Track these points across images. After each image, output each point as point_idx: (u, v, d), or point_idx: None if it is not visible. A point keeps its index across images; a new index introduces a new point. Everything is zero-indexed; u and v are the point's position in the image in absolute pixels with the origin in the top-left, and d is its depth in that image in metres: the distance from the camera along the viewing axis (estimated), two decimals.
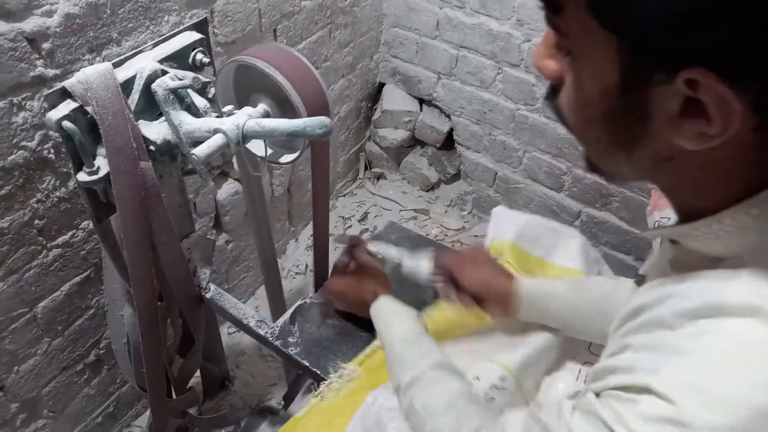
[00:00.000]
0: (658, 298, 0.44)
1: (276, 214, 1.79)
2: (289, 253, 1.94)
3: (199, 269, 1.06)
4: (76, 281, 1.12)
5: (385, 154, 2.17)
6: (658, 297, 0.44)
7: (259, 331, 0.98)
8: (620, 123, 0.41)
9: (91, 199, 0.85)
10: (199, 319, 1.08)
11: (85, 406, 1.30)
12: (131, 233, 0.84)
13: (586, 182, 1.75)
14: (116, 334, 1.10)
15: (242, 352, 1.63)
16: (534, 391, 0.84)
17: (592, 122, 0.43)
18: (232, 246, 1.60)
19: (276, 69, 0.79)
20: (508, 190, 1.96)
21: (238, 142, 0.76)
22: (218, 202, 1.45)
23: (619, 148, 0.43)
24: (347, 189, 2.19)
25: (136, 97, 0.81)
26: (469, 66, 1.79)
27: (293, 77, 0.81)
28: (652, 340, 0.43)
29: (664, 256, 0.51)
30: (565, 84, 0.44)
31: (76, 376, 1.24)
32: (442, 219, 2.09)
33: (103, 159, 0.80)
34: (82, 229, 1.09)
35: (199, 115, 0.83)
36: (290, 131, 0.72)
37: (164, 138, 0.82)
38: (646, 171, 0.44)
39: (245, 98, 0.88)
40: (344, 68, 1.82)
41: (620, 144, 0.42)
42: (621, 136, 0.42)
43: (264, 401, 1.52)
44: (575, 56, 0.41)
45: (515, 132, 1.81)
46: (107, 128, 0.76)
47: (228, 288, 1.67)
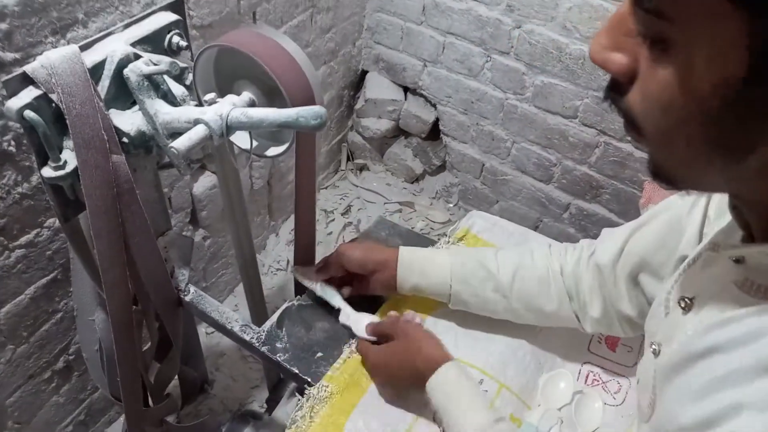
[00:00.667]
0: (747, 335, 0.38)
1: (255, 208, 1.71)
2: (270, 248, 1.86)
3: (176, 270, 0.99)
4: (42, 283, 1.04)
5: (368, 144, 2.10)
6: (746, 334, 0.38)
7: (244, 336, 0.91)
8: (734, 123, 0.33)
9: (57, 196, 0.77)
10: (177, 323, 1.01)
11: (54, 416, 1.22)
12: (103, 233, 0.76)
13: (575, 174, 1.72)
14: (87, 340, 1.02)
15: (222, 354, 1.56)
16: (531, 392, 0.81)
17: (687, 123, 0.35)
18: (210, 242, 1.52)
19: (264, 55, 0.72)
20: (495, 181, 1.92)
21: (221, 133, 0.69)
22: (194, 196, 1.37)
23: (722, 154, 0.36)
24: (329, 181, 2.12)
25: (107, 84, 0.73)
26: (456, 53, 1.73)
27: (282, 63, 0.73)
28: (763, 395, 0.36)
29: (723, 277, 0.45)
30: (639, 80, 0.37)
31: (44, 384, 1.16)
32: (428, 212, 2.04)
33: (70, 152, 0.73)
34: (47, 227, 1.00)
35: (176, 104, 0.75)
36: (281, 122, 0.65)
37: (138, 129, 0.75)
38: (743, 181, 0.37)
39: (227, 86, 0.80)
40: (326, 55, 1.74)
41: (727, 148, 0.35)
42: (731, 139, 0.34)
43: (245, 405, 1.45)
44: (676, 45, 0.33)
45: (504, 122, 1.76)
46: (75, 118, 0.69)
47: (205, 287, 1.59)
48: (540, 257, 0.80)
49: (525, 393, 0.80)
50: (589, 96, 1.55)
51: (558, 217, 1.84)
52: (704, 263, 0.50)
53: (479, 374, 0.80)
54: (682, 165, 0.39)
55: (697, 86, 0.33)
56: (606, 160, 1.63)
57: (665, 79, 0.34)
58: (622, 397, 0.81)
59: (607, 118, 1.56)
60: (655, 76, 0.35)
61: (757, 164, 0.35)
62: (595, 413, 0.80)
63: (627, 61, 0.37)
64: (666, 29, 0.33)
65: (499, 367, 0.81)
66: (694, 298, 0.49)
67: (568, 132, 1.65)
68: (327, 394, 0.79)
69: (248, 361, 1.56)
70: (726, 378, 0.39)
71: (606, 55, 0.37)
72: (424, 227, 1.99)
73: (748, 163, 0.35)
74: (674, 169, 0.39)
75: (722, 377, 0.39)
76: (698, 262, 0.52)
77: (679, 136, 0.36)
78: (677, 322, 0.50)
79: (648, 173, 0.41)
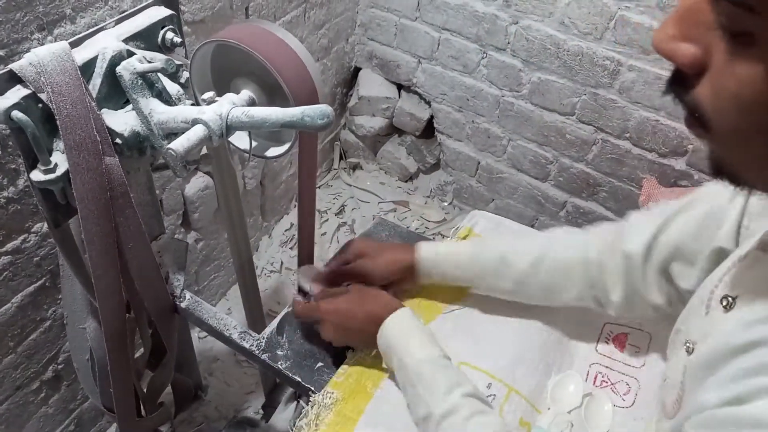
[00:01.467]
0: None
1: (248, 209, 1.67)
2: (263, 250, 1.83)
3: (171, 275, 0.95)
4: (29, 291, 1.00)
5: (361, 143, 2.07)
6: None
7: (244, 344, 0.88)
8: None
9: (47, 200, 0.73)
10: (172, 331, 0.97)
11: (42, 427, 1.18)
12: (96, 239, 0.72)
13: (572, 171, 1.70)
14: (77, 349, 0.98)
15: (215, 359, 1.52)
16: (539, 395, 0.78)
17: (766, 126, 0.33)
18: (202, 245, 1.48)
19: (263, 51, 0.68)
20: (491, 179, 1.89)
21: (221, 134, 0.66)
22: (187, 198, 1.33)
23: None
24: (322, 180, 2.08)
25: (99, 83, 0.70)
26: (451, 49, 1.70)
27: (283, 59, 0.70)
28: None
29: (765, 272, 0.43)
30: (711, 74, 0.34)
31: (32, 395, 1.11)
32: (422, 210, 2.01)
33: (61, 155, 0.69)
34: (34, 232, 0.96)
35: (171, 103, 0.72)
36: (285, 122, 0.62)
37: (132, 129, 0.71)
38: None
39: (224, 84, 0.77)
40: (319, 51, 1.70)
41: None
42: None
43: (241, 411, 1.42)
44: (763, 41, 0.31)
45: (500, 119, 1.74)
46: (65, 119, 0.65)
47: (198, 290, 1.55)
48: (563, 246, 0.79)
49: (534, 396, 0.78)
50: (586, 93, 1.54)
51: (554, 216, 1.83)
52: (751, 262, 0.49)
53: (487, 378, 0.77)
54: (754, 166, 0.37)
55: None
56: (603, 158, 1.62)
57: (747, 76, 0.32)
58: (632, 399, 0.79)
59: (604, 115, 1.54)
60: (733, 71, 0.33)
61: None
62: (605, 415, 0.78)
63: (698, 53, 0.34)
64: (754, 23, 0.31)
65: (508, 370, 0.79)
66: (737, 297, 0.48)
67: (565, 129, 1.63)
68: (332, 401, 0.76)
69: (242, 366, 1.52)
70: (762, 366, 0.38)
71: (674, 45, 0.35)
72: (419, 226, 1.96)
73: None
74: (742, 167, 0.38)
75: (758, 366, 0.38)
76: (745, 262, 0.50)
77: (756, 135, 0.34)
78: (717, 320, 0.49)
79: (709, 169, 0.40)
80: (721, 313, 0.49)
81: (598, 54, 1.45)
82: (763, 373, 0.37)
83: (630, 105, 1.48)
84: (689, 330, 0.55)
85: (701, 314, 0.53)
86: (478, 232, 0.98)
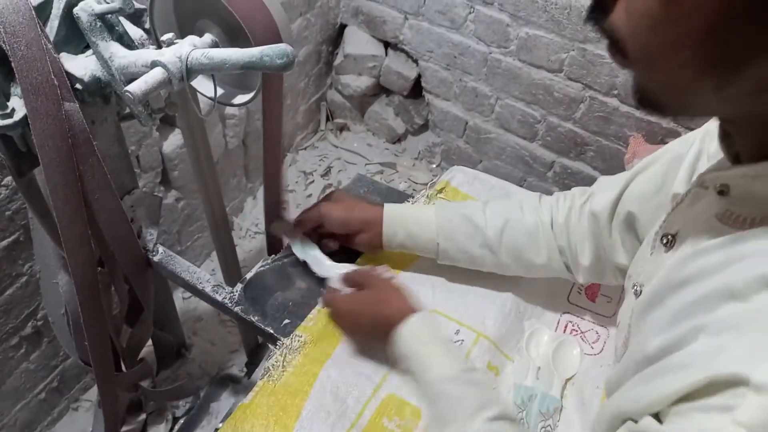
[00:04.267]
0: (718, 264, 0.36)
1: (231, 168, 1.65)
2: (247, 211, 1.81)
3: (144, 230, 0.94)
4: (3, 246, 0.99)
5: (348, 103, 2.04)
6: (718, 263, 0.37)
7: (216, 296, 0.88)
8: (732, 35, 0.31)
9: (8, 147, 0.72)
10: (146, 285, 0.97)
11: (24, 382, 1.18)
12: (59, 188, 0.71)
13: (560, 131, 1.68)
14: (52, 304, 0.97)
15: (199, 318, 1.53)
16: (509, 341, 0.78)
17: (680, 42, 0.32)
18: (183, 204, 1.47)
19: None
20: (479, 140, 1.87)
21: (181, 77, 0.64)
22: (165, 155, 1.31)
23: (716, 72, 0.33)
24: (308, 142, 2.06)
25: (56, 25, 0.67)
26: (438, 4, 1.66)
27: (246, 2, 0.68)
28: (725, 317, 0.34)
29: (706, 211, 0.43)
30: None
31: (12, 351, 1.11)
32: (410, 172, 1.99)
33: (18, 99, 0.67)
34: (5, 186, 0.95)
35: (133, 48, 0.70)
36: (244, 62, 0.60)
37: (92, 74, 0.69)
38: (736, 100, 0.34)
39: (188, 27, 0.75)
40: (302, 5, 1.66)
41: (722, 65, 0.32)
42: (724, 57, 0.32)
43: (225, 369, 1.43)
44: None
45: (487, 78, 1.71)
46: (20, 61, 0.63)
47: (181, 250, 1.54)
48: (529, 210, 0.77)
49: (503, 342, 0.78)
50: (575, 48, 1.50)
51: (542, 176, 1.81)
52: (691, 200, 0.48)
53: (455, 325, 0.78)
54: (671, 88, 0.36)
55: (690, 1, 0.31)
56: (591, 116, 1.59)
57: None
58: (600, 347, 0.80)
59: (593, 71, 1.51)
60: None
61: (750, 82, 0.33)
62: (573, 360, 0.78)
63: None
64: None
65: (477, 317, 0.79)
66: (676, 234, 0.48)
67: (553, 87, 1.60)
68: (300, 344, 0.76)
69: (227, 325, 1.53)
70: (692, 305, 0.37)
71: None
72: (407, 188, 1.95)
73: (741, 83, 0.33)
74: (663, 93, 0.37)
75: (689, 304, 0.38)
76: (686, 200, 0.49)
77: (671, 55, 0.34)
78: (659, 260, 0.49)
79: (634, 100, 0.39)
80: (663, 253, 0.49)
81: (586, 6, 1.42)
82: (694, 313, 0.37)
83: None
84: (637, 272, 0.55)
85: (647, 256, 0.53)
86: (455, 185, 0.97)
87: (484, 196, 0.96)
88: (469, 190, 0.96)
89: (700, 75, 0.33)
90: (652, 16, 0.33)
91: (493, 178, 0.99)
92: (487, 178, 0.99)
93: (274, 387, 0.71)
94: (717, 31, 0.31)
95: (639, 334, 0.45)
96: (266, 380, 0.72)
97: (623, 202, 0.69)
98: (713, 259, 0.38)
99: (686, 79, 0.34)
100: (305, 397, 0.69)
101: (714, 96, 0.34)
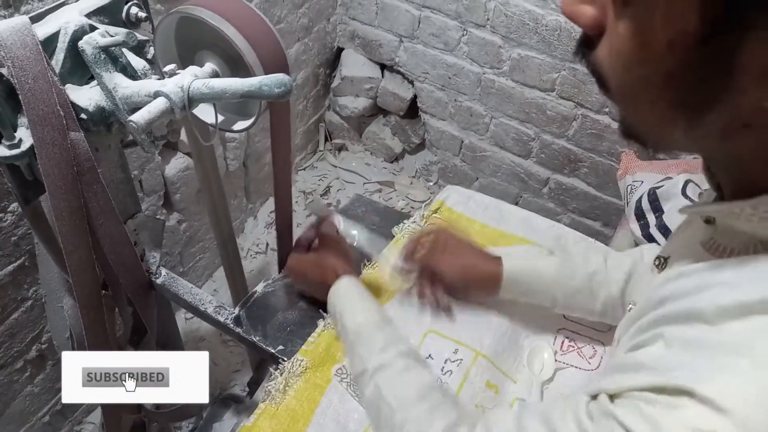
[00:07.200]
0: (693, 287, 0.38)
1: (232, 190, 1.68)
2: (248, 231, 1.83)
3: (147, 252, 0.96)
4: (9, 270, 1.01)
5: (346, 124, 2.07)
6: (693, 286, 0.38)
7: (218, 317, 0.89)
8: (692, 81, 0.32)
9: (15, 176, 0.74)
10: (150, 307, 0.98)
11: (29, 406, 1.19)
12: (64, 215, 0.73)
13: (554, 148, 1.71)
14: (57, 327, 0.99)
15: (201, 338, 1.54)
16: (507, 359, 0.80)
17: (649, 82, 0.34)
18: (185, 226, 1.49)
19: (225, 22, 0.69)
20: (474, 158, 1.90)
21: (183, 106, 0.66)
22: (167, 178, 1.34)
23: (684, 113, 0.34)
24: (307, 162, 2.09)
25: (61, 57, 0.70)
26: (432, 27, 1.70)
27: (246, 31, 0.71)
28: (688, 336, 0.36)
29: (693, 237, 0.45)
30: (606, 34, 0.35)
31: (17, 374, 1.13)
32: (408, 191, 2.02)
33: (25, 130, 0.69)
34: (11, 212, 0.97)
35: (137, 78, 0.72)
36: (244, 92, 0.63)
37: (97, 104, 0.72)
38: (708, 140, 0.36)
39: (189, 57, 0.77)
40: (300, 31, 1.70)
41: (687, 107, 0.34)
42: (691, 98, 0.33)
43: (227, 389, 1.44)
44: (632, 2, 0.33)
45: (481, 97, 1.74)
46: (27, 93, 0.65)
47: (183, 271, 1.56)
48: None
49: (501, 360, 0.79)
50: (566, 68, 1.54)
51: (537, 192, 1.84)
52: (684, 225, 0.51)
53: (454, 345, 0.79)
54: (648, 124, 0.38)
55: (654, 42, 0.32)
56: (584, 133, 1.62)
57: (626, 34, 0.33)
58: (597, 362, 0.81)
59: (584, 90, 1.54)
60: (618, 30, 0.34)
61: (718, 124, 0.34)
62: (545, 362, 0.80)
63: (595, 14, 0.36)
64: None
65: (475, 336, 0.80)
66: (668, 258, 0.50)
67: (546, 105, 1.64)
68: (302, 368, 0.77)
69: (229, 345, 1.54)
70: (662, 317, 0.40)
71: (575, 7, 0.36)
72: (405, 206, 1.97)
73: (710, 123, 0.34)
74: (641, 128, 0.39)
75: (660, 317, 0.40)
76: (682, 226, 0.52)
77: (643, 95, 0.36)
78: (651, 281, 0.51)
79: (619, 132, 0.41)
80: (656, 275, 0.51)
81: (577, 28, 1.45)
82: (658, 324, 0.39)
83: None
84: (633, 293, 0.57)
85: (645, 278, 0.55)
86: (450, 205, 0.99)
87: (479, 215, 0.98)
88: (464, 210, 0.98)
89: (670, 114, 0.35)
90: (625, 55, 0.34)
91: (488, 197, 1.01)
92: (481, 197, 1.01)
93: (276, 410, 0.73)
94: (678, 77, 0.33)
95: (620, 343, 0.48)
96: (269, 403, 0.74)
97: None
98: (689, 282, 0.39)
99: (658, 118, 0.36)
100: (307, 423, 0.71)
101: (685, 134, 0.36)
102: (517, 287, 0.79)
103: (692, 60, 0.31)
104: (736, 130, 0.34)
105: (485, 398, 0.74)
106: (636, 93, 0.36)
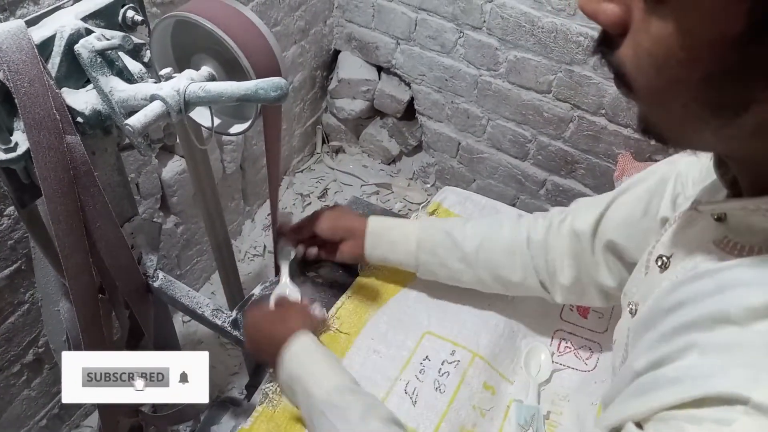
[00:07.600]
0: (714, 288, 0.37)
1: (229, 192, 1.68)
2: (245, 234, 1.83)
3: (144, 256, 0.96)
4: (5, 274, 1.01)
5: (343, 126, 2.07)
6: (714, 287, 0.38)
7: (216, 320, 0.89)
8: (731, 82, 0.31)
9: (11, 180, 0.74)
10: (146, 311, 0.98)
11: (25, 410, 1.19)
12: (61, 218, 0.73)
13: (550, 150, 1.71)
14: (54, 331, 0.99)
15: (199, 341, 1.54)
16: (504, 360, 0.80)
17: (684, 83, 0.33)
18: (183, 229, 1.49)
19: (221, 26, 0.69)
20: (471, 160, 1.90)
21: (179, 110, 0.66)
22: (164, 181, 1.34)
23: (718, 114, 0.33)
24: (305, 164, 2.09)
25: (57, 61, 0.70)
26: (428, 30, 1.70)
27: (241, 35, 0.71)
28: (719, 340, 0.35)
29: (703, 235, 0.44)
30: (631, 33, 0.34)
31: (13, 378, 1.13)
32: (405, 192, 2.02)
33: (21, 134, 0.69)
34: (7, 215, 0.97)
35: (133, 82, 0.72)
36: (240, 95, 0.63)
37: (93, 108, 0.71)
38: (739, 140, 0.35)
39: (185, 61, 0.78)
40: (296, 33, 1.70)
41: (723, 108, 0.33)
42: (728, 99, 0.32)
43: (225, 392, 1.43)
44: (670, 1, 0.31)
45: (478, 99, 1.74)
46: (23, 97, 0.65)
47: (180, 274, 1.56)
48: (508, 227, 0.79)
49: (498, 361, 0.80)
50: (562, 70, 1.54)
51: (535, 194, 1.84)
52: (685, 223, 0.50)
53: (451, 346, 0.79)
54: (675, 124, 0.37)
55: (695, 42, 0.31)
56: (580, 135, 1.63)
57: (660, 34, 0.32)
58: (594, 363, 0.81)
59: (580, 92, 1.55)
60: (649, 29, 0.33)
61: (752, 123, 0.33)
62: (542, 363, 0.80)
63: (619, 12, 0.34)
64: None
65: (472, 337, 0.80)
66: (671, 257, 0.49)
67: (543, 107, 1.64)
68: None
69: (227, 348, 1.54)
70: (685, 325, 0.38)
71: (597, 5, 0.35)
72: (402, 208, 1.97)
73: (743, 123, 0.33)
74: (666, 128, 0.38)
75: (682, 324, 0.39)
76: (679, 222, 0.51)
77: (673, 95, 0.34)
78: (654, 281, 0.50)
79: (638, 129, 0.40)
80: (657, 274, 0.50)
81: (572, 30, 1.46)
82: (683, 332, 0.38)
83: (604, 81, 1.49)
84: (632, 292, 0.56)
85: (641, 276, 0.55)
86: (447, 207, 1.00)
87: (476, 216, 0.98)
88: (461, 211, 0.99)
89: (702, 115, 0.34)
90: (656, 57, 0.33)
91: (485, 198, 1.01)
92: (478, 198, 1.01)
93: (273, 412, 0.73)
94: (717, 78, 0.32)
95: (633, 353, 0.46)
96: (266, 406, 0.74)
97: (605, 227, 0.70)
98: (709, 283, 0.38)
99: (688, 118, 0.35)
100: (304, 425, 0.71)
101: (715, 135, 0.35)
102: (380, 241, 0.81)
103: (733, 61, 0.30)
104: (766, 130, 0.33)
105: (482, 399, 0.75)
106: (668, 94, 0.35)
